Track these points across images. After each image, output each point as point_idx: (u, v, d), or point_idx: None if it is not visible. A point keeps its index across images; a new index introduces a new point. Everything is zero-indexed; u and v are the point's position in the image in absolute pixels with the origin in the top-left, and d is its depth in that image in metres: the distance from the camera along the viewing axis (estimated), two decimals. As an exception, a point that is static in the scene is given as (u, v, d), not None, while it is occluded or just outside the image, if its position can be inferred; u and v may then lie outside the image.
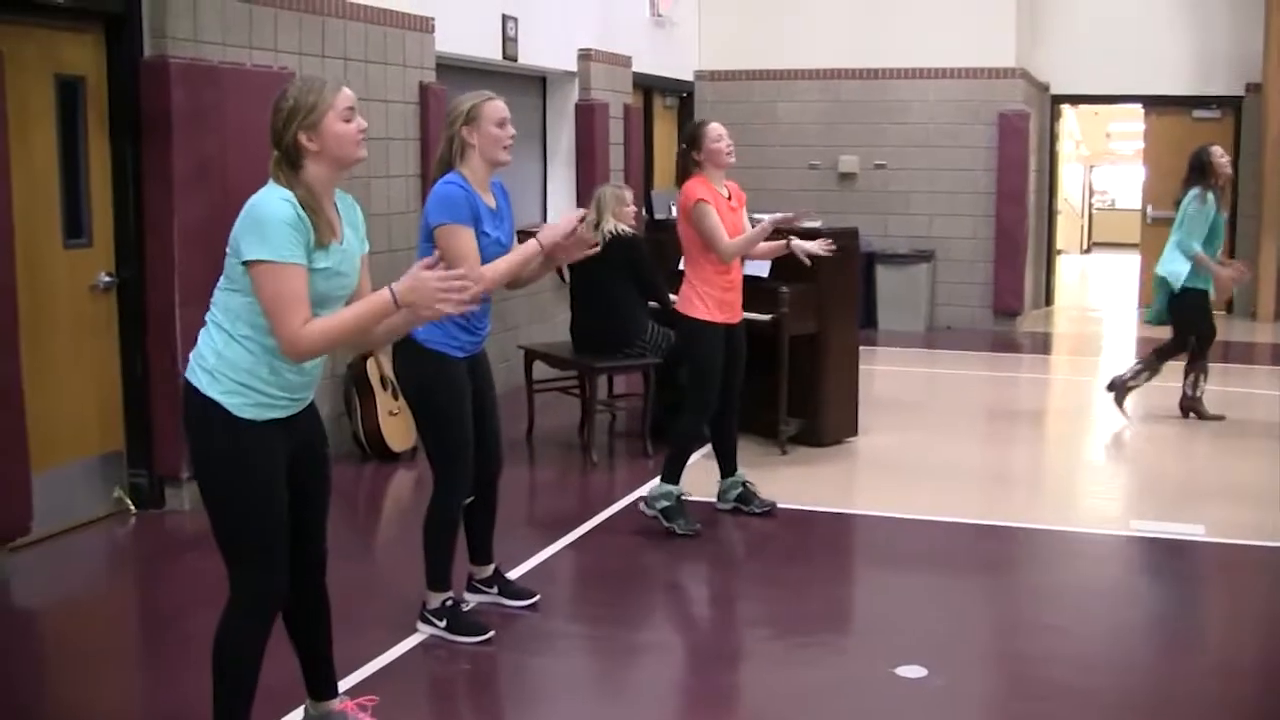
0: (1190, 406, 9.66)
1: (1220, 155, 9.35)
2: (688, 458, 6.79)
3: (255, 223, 3.62)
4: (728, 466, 7.11)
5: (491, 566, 5.67)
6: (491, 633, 5.24)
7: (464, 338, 5.15)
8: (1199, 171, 9.35)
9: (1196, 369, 9.64)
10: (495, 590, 5.65)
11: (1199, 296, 9.46)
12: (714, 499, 7.11)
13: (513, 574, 6.00)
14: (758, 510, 7.05)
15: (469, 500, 5.42)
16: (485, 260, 5.02)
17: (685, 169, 6.62)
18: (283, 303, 3.60)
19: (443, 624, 5.24)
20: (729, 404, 6.87)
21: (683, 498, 6.78)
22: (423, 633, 5.26)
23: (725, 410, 6.88)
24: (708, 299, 6.57)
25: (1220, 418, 9.59)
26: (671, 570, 6.49)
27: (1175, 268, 9.38)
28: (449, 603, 5.28)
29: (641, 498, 6.87)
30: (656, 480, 6.80)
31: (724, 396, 6.78)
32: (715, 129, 6.58)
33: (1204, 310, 9.53)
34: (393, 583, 6.06)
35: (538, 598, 5.66)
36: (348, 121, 3.78)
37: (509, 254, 5.10)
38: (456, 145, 5.11)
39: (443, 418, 5.17)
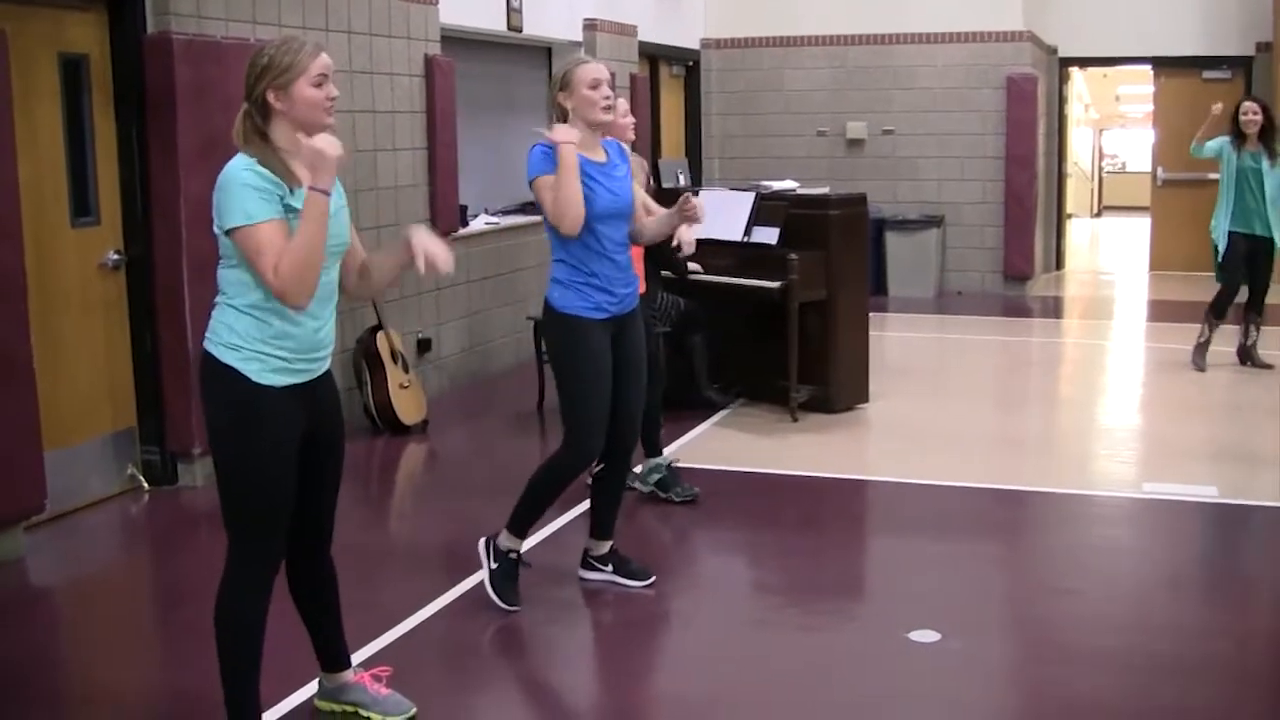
0: (1245, 355, 10.18)
1: (1243, 113, 9.74)
2: (659, 427, 6.80)
3: (224, 192, 3.67)
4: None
5: (609, 544, 5.63)
6: (520, 607, 5.25)
7: (599, 298, 5.14)
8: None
9: (1245, 319, 10.13)
10: (610, 569, 5.61)
11: (1232, 243, 9.84)
12: (713, 465, 7.08)
13: (528, 544, 6.00)
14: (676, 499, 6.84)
15: (599, 468, 5.47)
16: (597, 211, 5.07)
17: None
18: (261, 255, 3.62)
19: (495, 565, 5.28)
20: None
21: (673, 466, 6.81)
22: (479, 553, 5.33)
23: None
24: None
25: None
26: (684, 539, 6.51)
27: (1215, 224, 9.91)
28: (514, 555, 5.31)
29: (634, 474, 6.89)
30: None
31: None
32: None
33: (1230, 260, 9.89)
34: (406, 554, 6.09)
35: (654, 579, 5.61)
36: (318, 87, 3.77)
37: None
38: (557, 113, 5.17)
39: (574, 382, 5.20)
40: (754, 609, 5.55)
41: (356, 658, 4.50)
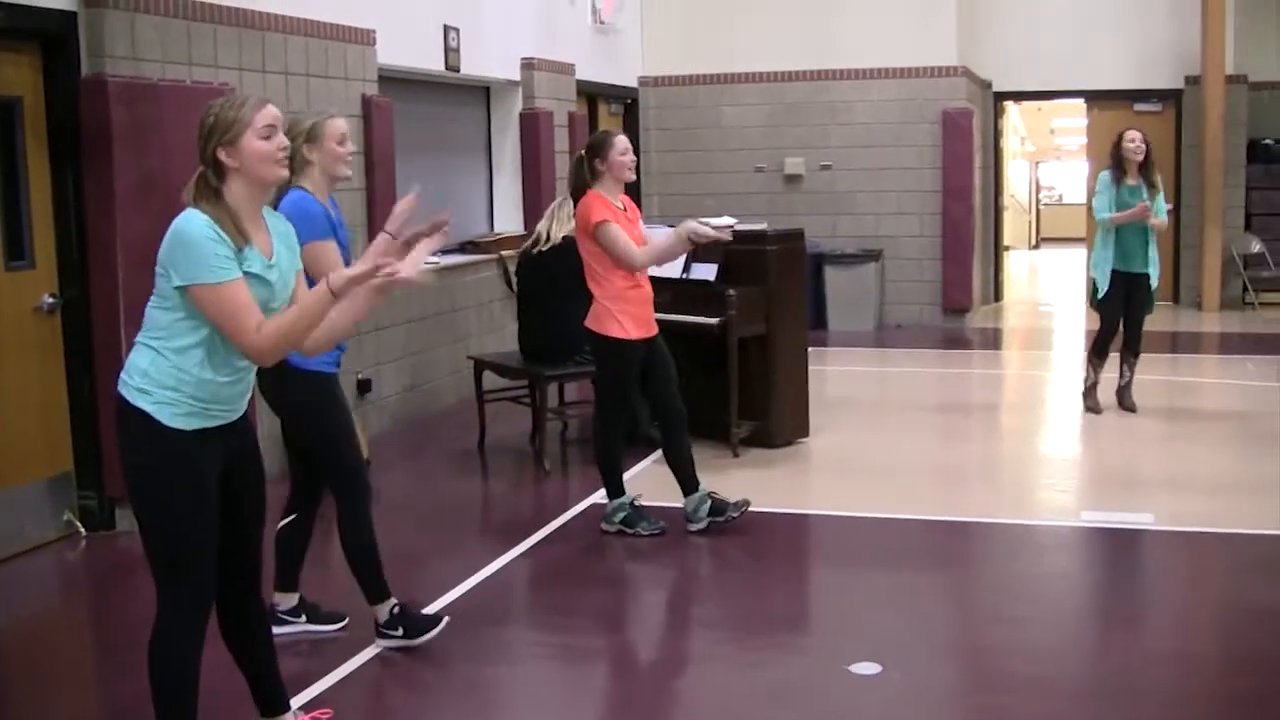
0: (1119, 396, 9.71)
1: (1128, 141, 9.32)
2: (618, 469, 6.82)
3: (182, 247, 3.65)
4: (688, 484, 6.82)
5: (298, 595, 5.50)
6: (446, 619, 5.29)
7: (335, 353, 5.11)
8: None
9: (1121, 359, 9.64)
10: (304, 619, 5.48)
11: (1113, 281, 9.38)
12: (655, 502, 7.06)
13: (467, 584, 6.00)
14: (734, 515, 6.80)
15: (290, 518, 5.40)
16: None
17: (581, 178, 6.58)
18: (232, 315, 3.64)
19: (399, 632, 5.23)
20: (675, 418, 6.76)
21: (636, 503, 6.81)
22: (384, 647, 5.24)
23: (674, 425, 6.76)
24: (624, 316, 6.49)
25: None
26: (626, 576, 6.50)
27: (1095, 261, 9.51)
28: (396, 610, 5.26)
29: (601, 521, 6.88)
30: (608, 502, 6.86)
31: (666, 411, 6.75)
32: (622, 141, 6.55)
33: (1111, 298, 9.42)
34: (345, 595, 6.03)
35: (347, 620, 5.50)
36: (266, 139, 3.78)
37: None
38: (298, 161, 5.00)
39: (333, 434, 5.11)
40: (695, 644, 5.56)
41: (297, 701, 4.47)
